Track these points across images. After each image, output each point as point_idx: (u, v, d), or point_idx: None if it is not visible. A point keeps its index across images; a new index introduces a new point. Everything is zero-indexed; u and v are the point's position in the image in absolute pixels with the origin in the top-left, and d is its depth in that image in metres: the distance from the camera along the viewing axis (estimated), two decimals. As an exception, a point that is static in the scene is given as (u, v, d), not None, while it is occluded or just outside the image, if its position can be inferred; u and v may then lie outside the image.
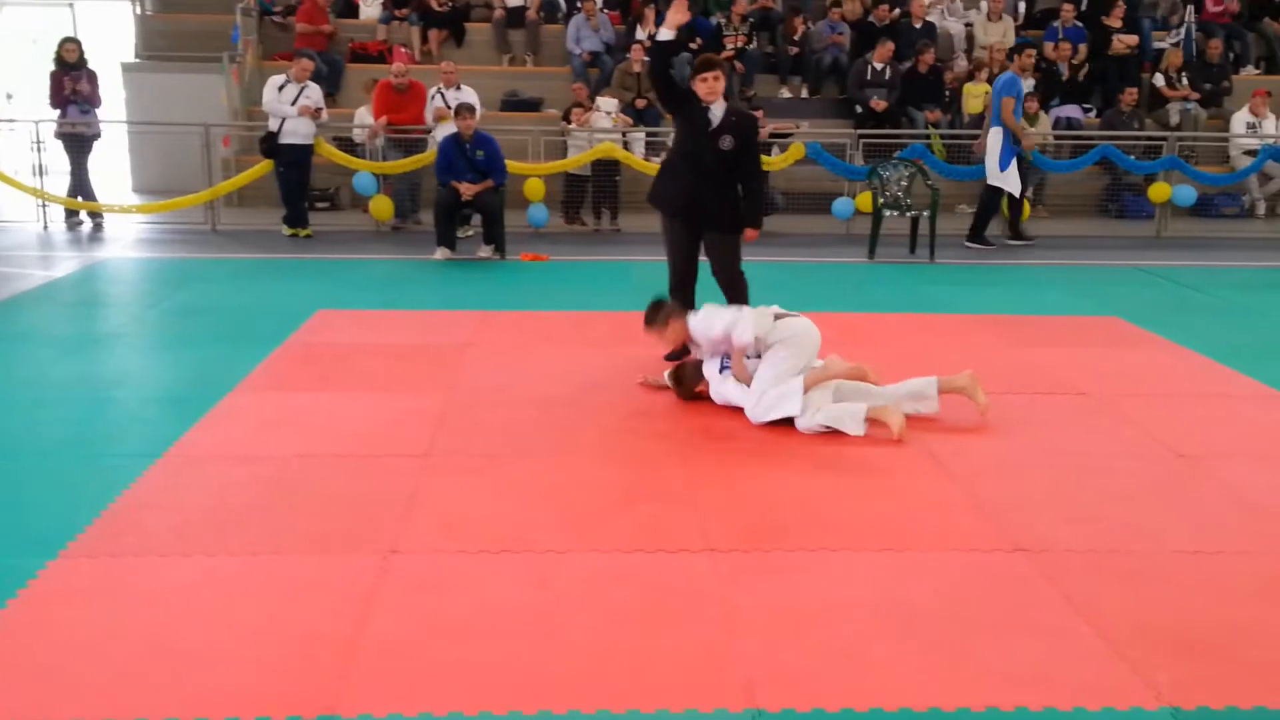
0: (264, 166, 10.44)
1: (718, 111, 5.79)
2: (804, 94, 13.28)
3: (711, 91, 5.74)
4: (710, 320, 5.15)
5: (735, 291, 5.94)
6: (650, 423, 5.05)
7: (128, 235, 10.47)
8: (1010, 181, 10.02)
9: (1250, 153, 12.21)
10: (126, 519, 3.88)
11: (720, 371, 5.21)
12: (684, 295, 5.98)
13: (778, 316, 5.13)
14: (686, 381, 5.39)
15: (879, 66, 12.38)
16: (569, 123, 11.20)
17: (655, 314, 5.41)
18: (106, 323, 6.97)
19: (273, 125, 10.14)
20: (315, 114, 10.20)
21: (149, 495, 4.10)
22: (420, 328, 6.76)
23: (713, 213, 5.84)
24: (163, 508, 3.97)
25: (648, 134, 11.62)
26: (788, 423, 4.94)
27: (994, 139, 9.93)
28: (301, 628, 3.15)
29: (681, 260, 5.99)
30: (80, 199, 10.76)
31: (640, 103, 11.95)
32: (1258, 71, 13.98)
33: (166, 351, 6.31)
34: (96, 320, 7.05)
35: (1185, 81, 13.11)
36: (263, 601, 3.31)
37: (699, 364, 5.35)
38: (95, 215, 10.91)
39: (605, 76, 12.64)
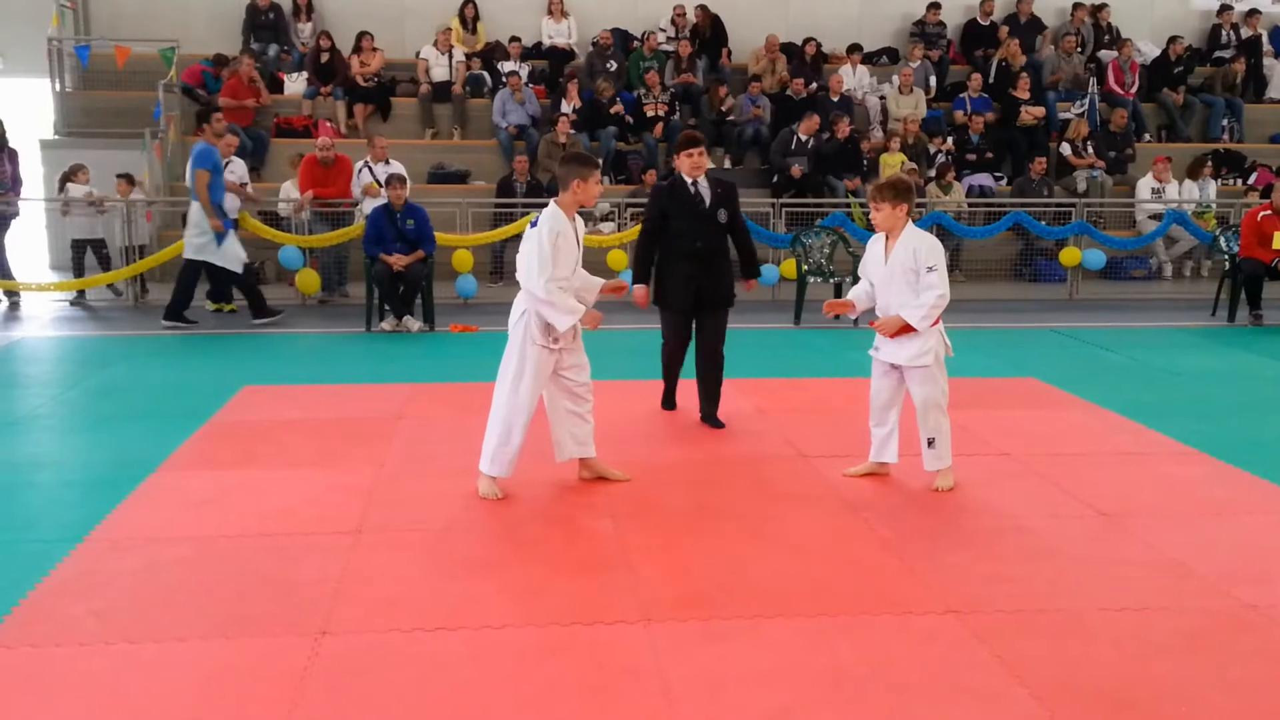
0: (186, 242, 10.31)
1: (704, 187, 5.90)
2: (727, 164, 13.54)
3: (696, 166, 5.87)
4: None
5: (720, 366, 6.07)
6: (584, 493, 5.05)
7: (46, 313, 10.25)
8: None
9: (1155, 217, 12.71)
10: (46, 607, 3.76)
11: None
12: (676, 373, 6.29)
13: None
14: None
15: (804, 138, 12.71)
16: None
17: None
18: (25, 403, 6.80)
19: (196, 200, 10.04)
20: (240, 189, 10.15)
21: (69, 581, 3.98)
22: (349, 402, 6.70)
23: (717, 293, 5.99)
24: (84, 594, 3.87)
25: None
26: (719, 487, 4.97)
27: None
28: (230, 714, 3.08)
29: (681, 344, 6.21)
30: (-4, 277, 10.54)
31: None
32: (1157, 141, 14.61)
33: (87, 432, 6.17)
34: (14, 401, 6.86)
35: (1091, 150, 13.66)
36: (190, 688, 3.22)
37: None
38: (11, 294, 10.68)
39: (531, 149, 12.80)
